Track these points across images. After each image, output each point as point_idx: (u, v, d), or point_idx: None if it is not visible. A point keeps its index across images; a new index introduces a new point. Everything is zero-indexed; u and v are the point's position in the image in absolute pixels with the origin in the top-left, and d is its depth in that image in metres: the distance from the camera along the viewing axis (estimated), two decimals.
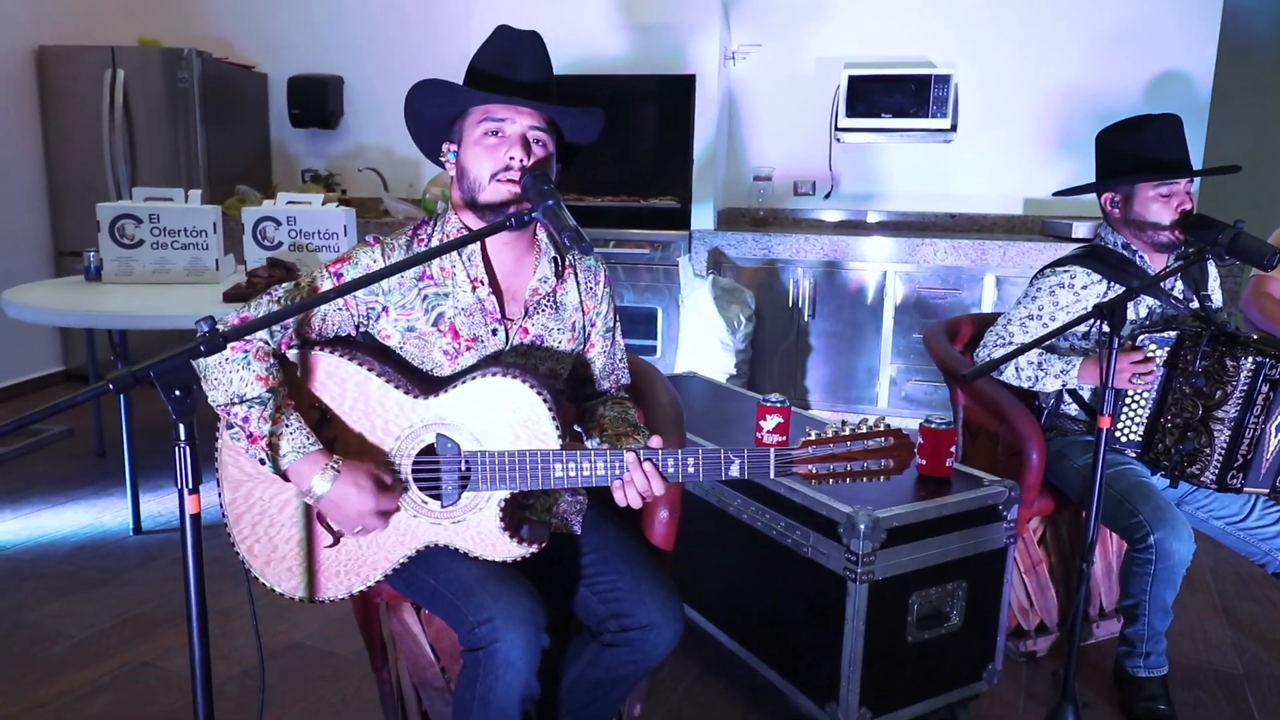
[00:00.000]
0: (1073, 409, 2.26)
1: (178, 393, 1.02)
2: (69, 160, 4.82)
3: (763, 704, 2.12)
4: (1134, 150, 2.18)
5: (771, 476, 1.45)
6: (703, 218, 4.62)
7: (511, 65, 1.47)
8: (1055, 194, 2.52)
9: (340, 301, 1.44)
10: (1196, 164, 4.02)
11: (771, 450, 1.44)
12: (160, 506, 3.25)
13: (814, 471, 1.44)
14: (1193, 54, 4.34)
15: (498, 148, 1.44)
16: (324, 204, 3.45)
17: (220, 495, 1.45)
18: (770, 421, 2.06)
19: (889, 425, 1.45)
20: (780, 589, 1.96)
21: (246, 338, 1.35)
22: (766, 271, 4.43)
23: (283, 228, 3.37)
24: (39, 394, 4.81)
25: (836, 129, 4.53)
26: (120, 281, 3.36)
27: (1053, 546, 2.34)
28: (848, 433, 1.44)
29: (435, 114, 1.51)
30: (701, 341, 4.32)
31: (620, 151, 5.02)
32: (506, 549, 1.42)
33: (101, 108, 4.70)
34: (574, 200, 4.82)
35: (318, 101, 5.13)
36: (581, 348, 1.65)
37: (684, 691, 2.17)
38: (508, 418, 1.40)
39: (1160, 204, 2.14)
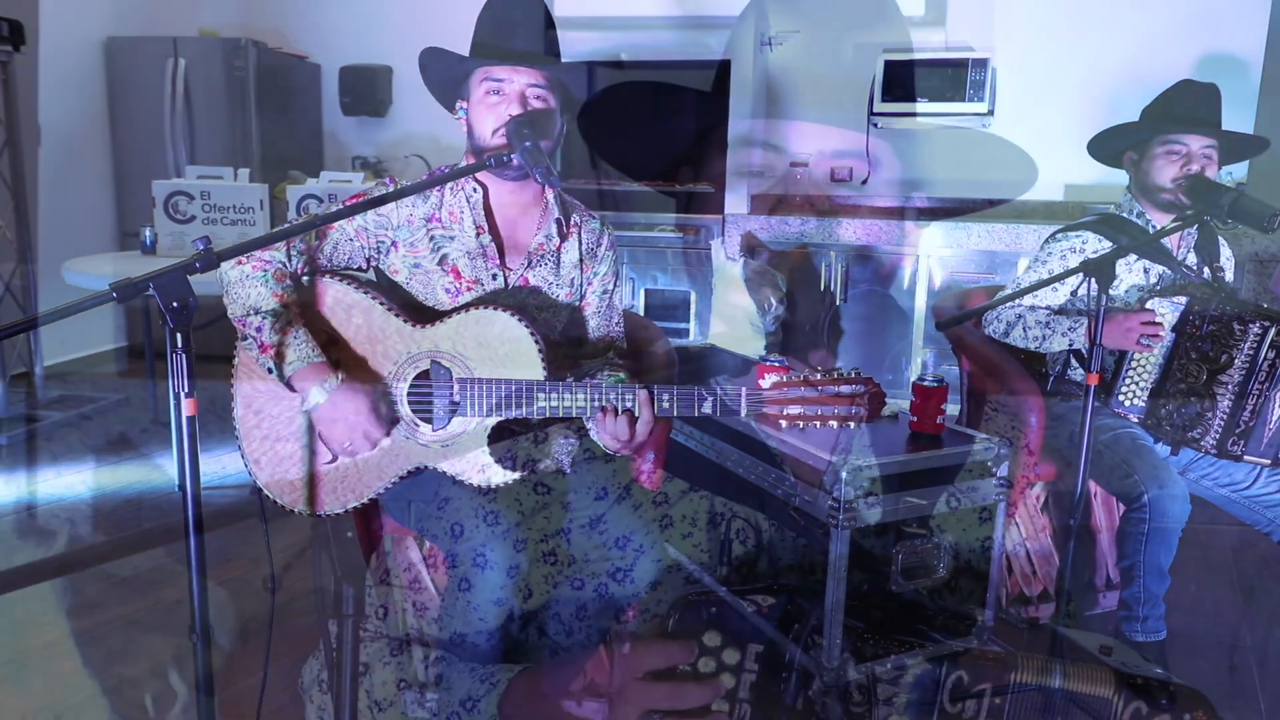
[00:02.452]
0: (1078, 374, 2.27)
1: (175, 304, 1.13)
2: (133, 145, 5.07)
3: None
4: (1160, 107, 2.19)
5: (742, 415, 1.51)
6: (736, 203, 4.67)
7: (508, 29, 1.58)
8: (1089, 145, 2.35)
9: (352, 233, 1.56)
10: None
11: (743, 389, 1.51)
12: (205, 467, 3.42)
13: (784, 413, 1.50)
14: (1241, 37, 4.24)
15: (498, 105, 1.55)
16: (364, 182, 3.60)
17: (234, 410, 1.56)
18: (769, 380, 2.11)
19: (859, 372, 1.51)
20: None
21: (265, 259, 1.47)
22: (799, 255, 4.46)
23: (325, 205, 3.53)
24: (102, 368, 5.07)
25: (873, 113, 4.53)
26: (173, 255, 3.55)
27: (1055, 514, 2.35)
28: (819, 377, 1.50)
29: (439, 79, 1.64)
30: (732, 323, 4.36)
31: (655, 137, 5.10)
32: (490, 474, 1.50)
33: (164, 96, 4.94)
34: (609, 185, 4.92)
35: (367, 90, 5.32)
36: (578, 303, 1.73)
37: None
38: (498, 349, 1.49)
39: (1165, 161, 2.13)
